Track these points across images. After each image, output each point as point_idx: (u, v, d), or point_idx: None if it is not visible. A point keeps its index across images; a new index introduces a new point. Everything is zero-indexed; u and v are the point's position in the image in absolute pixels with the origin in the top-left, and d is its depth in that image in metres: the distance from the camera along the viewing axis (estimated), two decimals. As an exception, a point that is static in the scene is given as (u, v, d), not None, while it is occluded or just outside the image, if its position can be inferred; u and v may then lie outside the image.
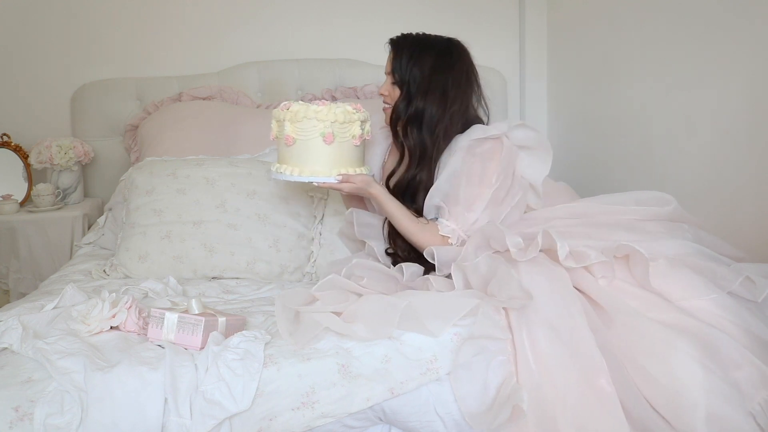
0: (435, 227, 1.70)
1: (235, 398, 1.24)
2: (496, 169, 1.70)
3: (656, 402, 1.28)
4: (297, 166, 1.64)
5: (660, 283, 1.45)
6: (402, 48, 1.78)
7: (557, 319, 1.36)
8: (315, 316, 1.39)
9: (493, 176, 1.69)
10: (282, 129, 1.65)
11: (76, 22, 2.80)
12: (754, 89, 1.88)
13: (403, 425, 1.35)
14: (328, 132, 1.61)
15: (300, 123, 1.61)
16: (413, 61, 1.75)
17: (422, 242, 1.69)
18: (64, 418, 1.19)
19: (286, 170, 1.65)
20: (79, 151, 2.63)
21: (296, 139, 1.62)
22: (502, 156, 1.71)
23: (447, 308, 1.40)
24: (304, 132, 1.61)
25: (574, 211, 1.77)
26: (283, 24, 2.93)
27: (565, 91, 2.99)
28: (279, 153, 1.70)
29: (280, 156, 1.69)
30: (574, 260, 1.49)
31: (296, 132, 1.62)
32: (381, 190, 1.72)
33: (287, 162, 1.66)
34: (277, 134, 1.68)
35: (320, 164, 1.64)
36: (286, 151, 1.65)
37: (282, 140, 1.65)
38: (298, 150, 1.63)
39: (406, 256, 1.75)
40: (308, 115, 1.60)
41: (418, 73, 1.74)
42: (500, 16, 3.07)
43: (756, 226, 1.90)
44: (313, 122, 1.61)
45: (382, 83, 1.83)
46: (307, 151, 1.63)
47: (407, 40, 1.79)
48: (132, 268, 1.89)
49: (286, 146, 1.64)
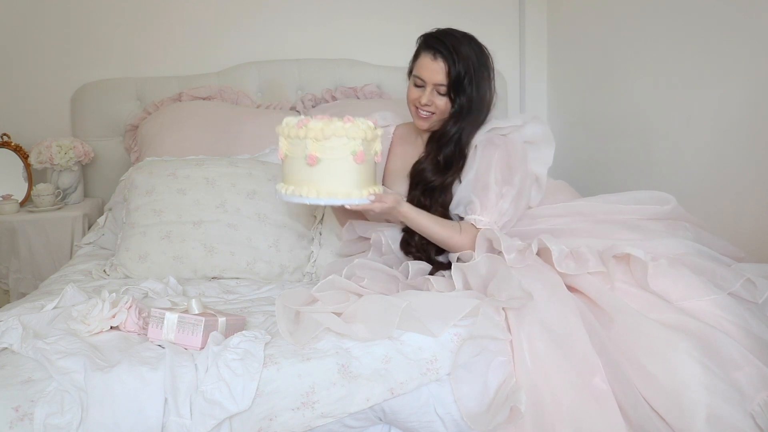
0: (469, 227, 1.67)
1: (235, 398, 1.24)
2: (519, 162, 1.72)
3: (656, 402, 1.28)
4: (322, 187, 1.51)
5: (660, 284, 1.45)
6: (457, 60, 1.69)
7: (553, 321, 1.37)
8: (315, 316, 1.39)
9: (517, 170, 1.71)
10: (297, 147, 1.51)
11: (76, 22, 2.80)
12: (755, 89, 1.88)
13: (403, 425, 1.35)
14: (360, 150, 1.50)
15: (327, 141, 1.48)
16: (469, 76, 1.70)
17: (459, 244, 1.66)
18: (64, 418, 1.19)
19: (308, 192, 1.51)
20: (79, 151, 2.63)
21: (321, 159, 1.49)
22: (520, 149, 1.74)
23: (447, 308, 1.40)
24: (332, 151, 1.49)
25: (574, 209, 1.78)
26: (283, 24, 2.93)
27: (565, 91, 2.99)
28: (291, 173, 1.54)
29: (295, 176, 1.53)
30: (573, 262, 1.50)
31: (322, 151, 1.49)
32: (410, 207, 1.66)
33: (307, 183, 1.51)
34: (287, 153, 1.54)
35: (350, 184, 1.52)
36: (307, 172, 1.51)
37: (297, 159, 1.52)
38: (324, 170, 1.50)
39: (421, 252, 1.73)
40: (337, 133, 1.48)
41: (471, 91, 1.70)
42: (500, 16, 3.07)
43: (756, 225, 1.90)
44: (344, 140, 1.49)
45: (422, 89, 1.73)
46: (336, 171, 1.50)
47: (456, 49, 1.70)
48: (132, 268, 1.89)
49: (308, 166, 1.50)
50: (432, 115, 1.75)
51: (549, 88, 3.11)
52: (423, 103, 1.73)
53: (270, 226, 1.96)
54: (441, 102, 1.73)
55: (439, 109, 1.73)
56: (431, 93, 1.72)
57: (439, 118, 1.75)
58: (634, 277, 1.49)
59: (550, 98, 3.11)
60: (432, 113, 1.74)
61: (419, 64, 1.74)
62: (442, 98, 1.72)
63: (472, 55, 1.71)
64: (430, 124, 1.77)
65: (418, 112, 1.76)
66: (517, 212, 1.72)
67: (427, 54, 1.72)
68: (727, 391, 1.25)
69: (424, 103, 1.73)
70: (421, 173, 1.76)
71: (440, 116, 1.75)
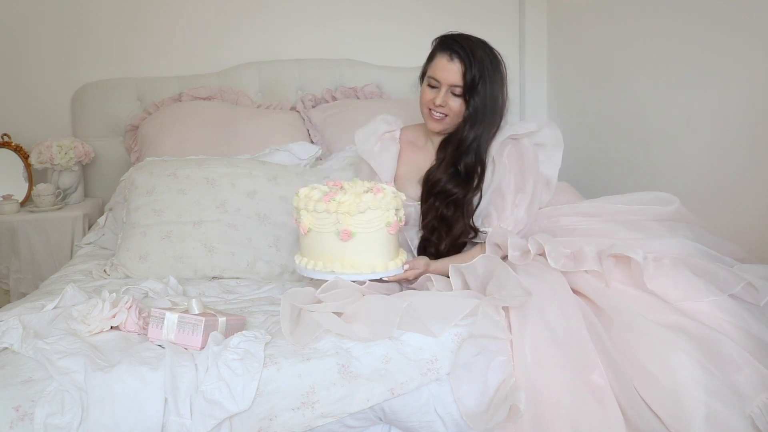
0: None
1: (235, 398, 1.24)
2: (531, 168, 1.74)
3: (654, 402, 1.28)
4: (357, 261, 1.48)
5: (660, 284, 1.45)
6: (473, 62, 1.69)
7: (553, 319, 1.37)
8: (316, 317, 1.39)
9: (530, 176, 1.73)
10: (325, 222, 1.48)
11: (76, 22, 2.80)
12: (755, 89, 1.88)
13: (403, 425, 1.35)
14: (394, 221, 1.49)
15: (363, 215, 1.46)
16: (485, 79, 1.70)
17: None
18: (64, 418, 1.19)
19: (343, 268, 1.49)
20: (79, 151, 2.63)
21: (355, 233, 1.46)
22: (532, 154, 1.75)
23: (448, 308, 1.41)
24: (367, 224, 1.46)
25: (578, 210, 1.79)
26: (283, 24, 2.93)
27: (565, 91, 2.99)
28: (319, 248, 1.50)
29: (324, 251, 1.50)
30: (572, 260, 1.50)
31: (357, 225, 1.46)
32: (439, 264, 1.67)
33: (340, 258, 1.49)
34: (311, 227, 1.50)
35: (385, 256, 1.50)
36: (339, 247, 1.48)
37: (326, 234, 1.48)
38: (359, 244, 1.47)
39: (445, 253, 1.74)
40: (372, 205, 1.46)
41: (486, 94, 1.70)
42: (500, 16, 3.07)
43: (756, 225, 1.90)
44: (378, 212, 1.47)
45: (437, 90, 1.73)
46: (371, 244, 1.48)
47: (473, 51, 1.70)
48: (132, 268, 1.89)
49: (341, 241, 1.47)
50: (445, 117, 1.75)
51: (549, 88, 3.11)
52: (437, 104, 1.73)
53: (270, 226, 1.97)
54: (455, 104, 1.73)
55: (453, 111, 1.74)
56: (446, 94, 1.73)
57: (452, 120, 1.76)
58: (634, 278, 1.49)
59: (550, 98, 3.11)
60: (445, 115, 1.75)
61: (435, 65, 1.75)
62: (456, 100, 1.73)
63: (486, 59, 1.72)
64: (444, 127, 1.77)
65: (432, 114, 1.77)
66: (530, 218, 1.74)
67: (443, 55, 1.73)
68: (725, 393, 1.25)
69: (438, 104, 1.73)
70: (438, 183, 1.76)
71: (453, 119, 1.75)
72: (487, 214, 1.72)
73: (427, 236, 1.76)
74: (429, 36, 1.82)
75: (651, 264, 1.48)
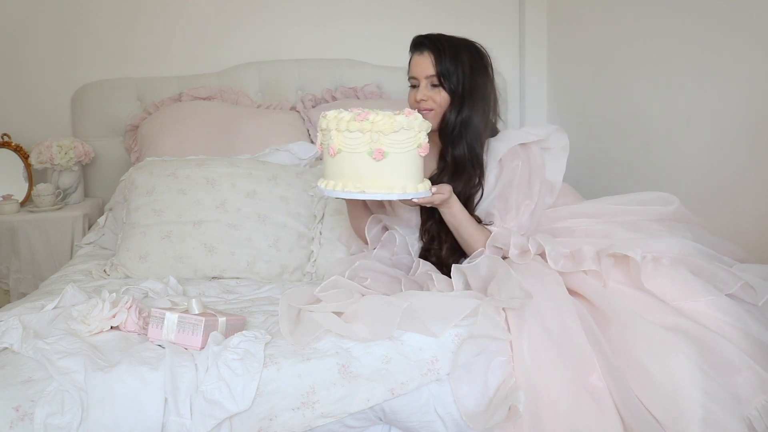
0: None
1: (235, 398, 1.24)
2: (538, 174, 1.73)
3: (652, 404, 1.27)
4: (389, 182, 1.46)
5: (658, 283, 1.45)
6: (443, 48, 1.69)
7: (550, 320, 1.37)
8: (315, 317, 1.39)
9: (536, 182, 1.72)
10: (358, 141, 1.45)
11: (76, 22, 2.80)
12: (755, 89, 1.88)
13: (403, 425, 1.35)
14: (424, 143, 1.47)
15: (396, 134, 1.43)
16: (457, 62, 1.68)
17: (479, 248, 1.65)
18: (64, 418, 1.19)
19: (374, 187, 1.46)
20: (79, 151, 2.63)
21: (388, 153, 1.44)
22: (540, 161, 1.74)
23: (448, 309, 1.41)
24: (401, 144, 1.44)
25: (578, 211, 1.79)
26: (283, 24, 2.93)
27: (565, 91, 2.99)
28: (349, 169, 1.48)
29: (355, 172, 1.47)
30: (572, 263, 1.50)
31: (390, 145, 1.43)
32: (457, 201, 1.65)
33: (371, 178, 1.46)
34: (341, 148, 1.47)
35: (416, 178, 1.48)
36: (371, 167, 1.45)
37: (358, 155, 1.45)
38: (391, 164, 1.45)
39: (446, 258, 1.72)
40: (405, 125, 1.43)
41: (463, 76, 1.69)
42: (500, 16, 3.07)
43: (756, 225, 1.90)
44: (411, 133, 1.44)
45: (418, 89, 1.72)
46: (402, 165, 1.46)
47: (441, 40, 1.71)
48: (132, 268, 1.89)
49: (374, 161, 1.44)
50: (431, 111, 1.72)
51: (549, 88, 3.11)
52: (419, 98, 1.71)
53: (270, 226, 1.97)
54: (438, 95, 1.71)
55: (437, 103, 1.71)
56: (425, 88, 1.71)
57: (439, 112, 1.72)
58: (632, 277, 1.49)
59: (550, 98, 3.11)
60: (431, 109, 1.72)
61: (410, 66, 1.75)
62: (436, 90, 1.71)
63: (460, 47, 1.71)
64: (436, 120, 1.73)
65: (421, 113, 1.73)
66: (533, 223, 1.73)
67: (414, 53, 1.74)
68: (723, 396, 1.24)
69: (420, 98, 1.71)
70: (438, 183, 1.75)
71: (440, 110, 1.72)
72: (488, 214, 1.71)
73: (427, 246, 1.75)
74: (429, 36, 1.82)
75: (649, 263, 1.48)
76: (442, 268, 1.68)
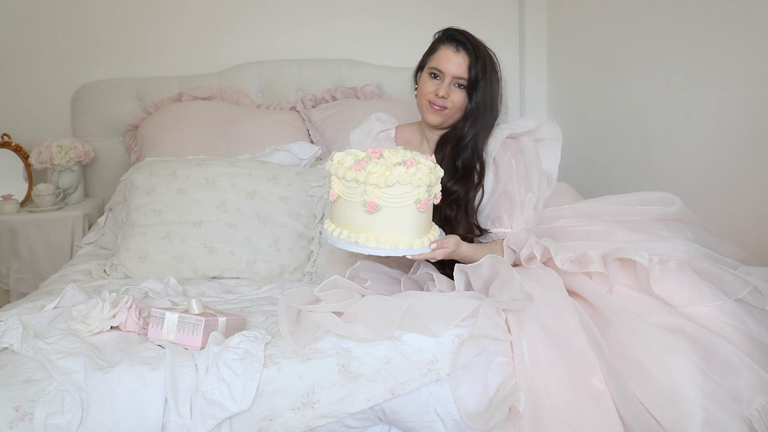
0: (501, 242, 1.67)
1: (235, 398, 1.24)
2: (534, 165, 1.73)
3: (652, 405, 1.27)
4: (382, 237, 1.43)
5: (665, 287, 1.45)
6: (480, 55, 1.67)
7: (550, 321, 1.37)
8: (315, 317, 1.38)
9: (534, 174, 1.72)
10: (354, 191, 1.42)
11: (75, 22, 2.80)
12: (755, 89, 1.88)
13: (403, 425, 1.35)
14: (424, 198, 1.42)
15: (391, 188, 1.39)
16: (485, 72, 1.67)
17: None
18: (64, 418, 1.19)
19: (366, 241, 1.43)
20: (79, 151, 2.63)
21: (382, 207, 1.41)
22: (533, 152, 1.74)
23: (448, 309, 1.41)
24: (395, 199, 1.40)
25: (579, 211, 1.78)
26: (283, 24, 2.93)
27: (565, 91, 2.99)
28: (346, 217, 1.46)
29: (350, 221, 1.45)
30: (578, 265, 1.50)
31: (384, 199, 1.40)
32: (467, 246, 1.61)
33: (365, 231, 1.43)
34: (341, 195, 1.45)
35: (412, 234, 1.44)
36: (364, 219, 1.43)
37: (354, 204, 1.43)
38: (385, 218, 1.41)
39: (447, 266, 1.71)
40: (402, 180, 1.39)
41: (484, 87, 1.68)
42: (500, 16, 3.07)
43: (756, 226, 1.90)
44: (408, 188, 1.40)
45: (441, 82, 1.69)
46: (397, 220, 1.42)
47: (478, 45, 1.69)
48: (132, 268, 1.89)
49: (367, 213, 1.42)
50: (444, 109, 1.70)
51: (549, 88, 3.11)
52: (440, 95, 1.68)
53: (270, 226, 1.96)
54: (457, 97, 1.69)
55: (454, 104, 1.70)
56: (448, 86, 1.69)
57: (451, 113, 1.71)
58: (639, 280, 1.49)
59: (550, 98, 3.11)
60: (445, 107, 1.70)
61: (438, 56, 1.71)
62: (459, 92, 1.69)
63: (488, 57, 1.71)
64: (442, 119, 1.72)
65: (432, 106, 1.71)
66: (537, 216, 1.73)
67: (448, 46, 1.70)
68: (723, 397, 1.24)
69: (441, 95, 1.68)
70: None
71: (453, 112, 1.71)
72: (497, 217, 1.70)
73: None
74: (429, 36, 1.81)
75: (656, 267, 1.47)
76: (443, 268, 1.68)
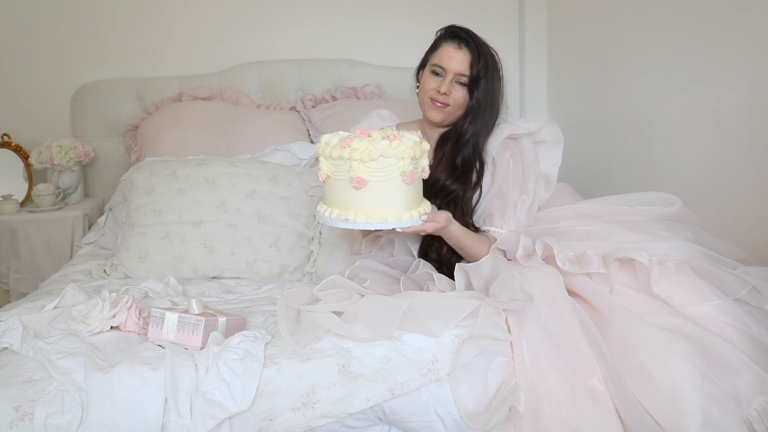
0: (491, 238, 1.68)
1: (235, 398, 1.24)
2: (531, 167, 1.73)
3: (651, 405, 1.27)
4: (370, 211, 1.44)
5: (665, 287, 1.44)
6: (482, 53, 1.68)
7: (550, 321, 1.37)
8: (315, 317, 1.38)
9: (531, 176, 1.72)
10: (341, 169, 1.44)
11: (75, 22, 2.80)
12: (755, 89, 1.88)
13: (403, 425, 1.35)
14: (409, 170, 1.43)
15: (375, 162, 1.41)
16: (487, 70, 1.68)
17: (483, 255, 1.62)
18: (64, 418, 1.19)
19: (356, 217, 1.44)
20: (79, 151, 2.63)
21: (368, 181, 1.42)
22: (532, 154, 1.74)
23: (448, 309, 1.41)
24: (380, 172, 1.41)
25: (579, 211, 1.78)
26: (283, 24, 2.93)
27: (565, 91, 2.99)
28: (335, 195, 1.48)
29: (340, 199, 1.47)
30: (578, 266, 1.50)
31: (369, 173, 1.41)
32: (458, 225, 1.62)
33: (354, 207, 1.45)
34: (329, 174, 1.47)
35: (400, 207, 1.45)
36: (353, 195, 1.44)
37: (341, 181, 1.45)
38: (372, 192, 1.43)
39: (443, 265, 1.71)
40: (386, 153, 1.40)
41: (486, 85, 1.69)
42: (500, 16, 3.07)
43: (756, 225, 1.90)
44: (392, 160, 1.41)
45: (443, 79, 1.69)
46: (384, 194, 1.43)
47: (480, 42, 1.70)
48: (132, 268, 1.89)
49: (354, 189, 1.43)
50: (446, 106, 1.71)
51: (549, 88, 3.11)
52: (442, 91, 1.68)
53: (270, 226, 1.97)
54: (459, 94, 1.70)
55: (456, 102, 1.70)
56: (450, 83, 1.69)
57: (453, 111, 1.72)
58: (638, 281, 1.49)
59: (550, 98, 3.11)
60: (446, 104, 1.70)
61: (440, 53, 1.71)
62: (461, 90, 1.70)
63: (490, 55, 1.72)
64: (444, 116, 1.73)
65: (433, 103, 1.72)
66: (531, 218, 1.73)
67: (450, 43, 1.70)
68: (723, 398, 1.24)
69: (443, 92, 1.68)
70: (437, 182, 1.73)
71: (455, 109, 1.71)
72: (489, 215, 1.70)
73: (427, 244, 1.74)
74: (429, 36, 1.81)
75: (655, 267, 1.47)
76: (443, 268, 1.68)
